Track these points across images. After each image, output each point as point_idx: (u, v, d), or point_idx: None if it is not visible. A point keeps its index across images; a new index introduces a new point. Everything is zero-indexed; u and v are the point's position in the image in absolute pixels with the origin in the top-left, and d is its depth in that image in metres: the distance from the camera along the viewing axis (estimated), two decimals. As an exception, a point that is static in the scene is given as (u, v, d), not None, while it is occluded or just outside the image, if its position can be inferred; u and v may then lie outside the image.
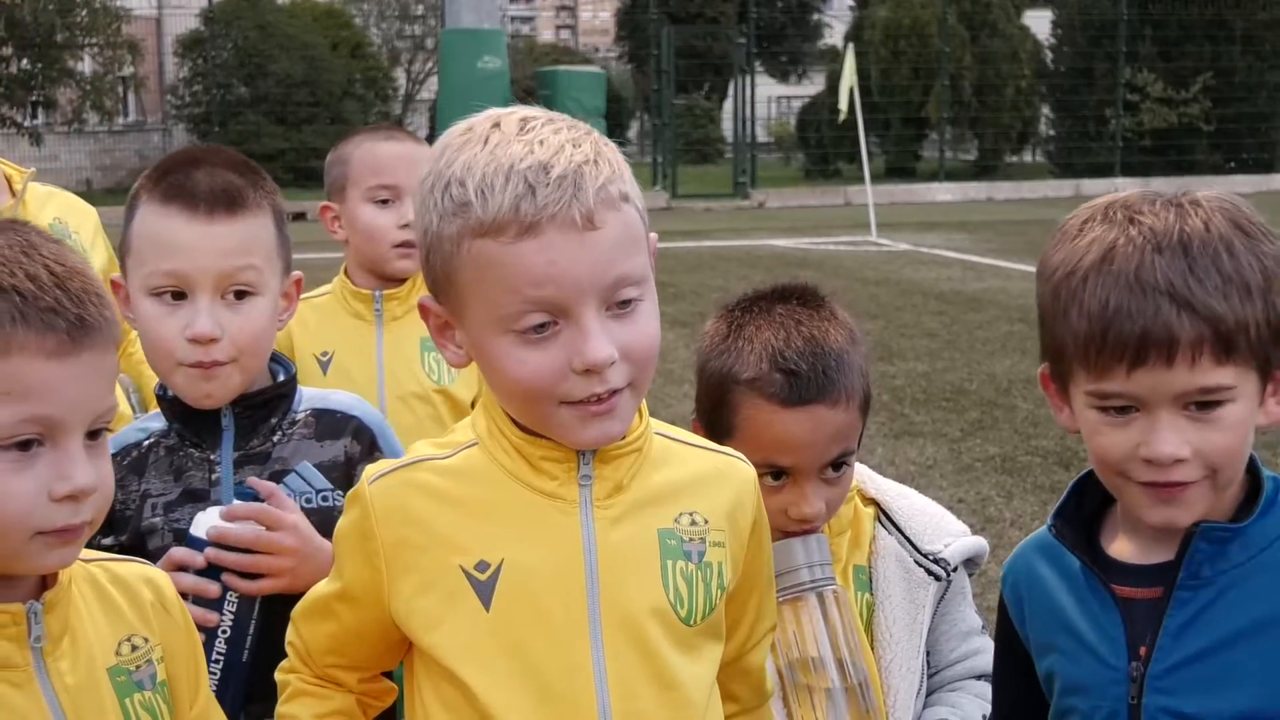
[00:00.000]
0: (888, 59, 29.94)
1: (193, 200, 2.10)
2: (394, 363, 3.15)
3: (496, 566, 1.66)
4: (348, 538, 1.75)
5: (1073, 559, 1.78)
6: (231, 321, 2.11)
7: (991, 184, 27.96)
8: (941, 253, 16.86)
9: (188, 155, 2.22)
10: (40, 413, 1.50)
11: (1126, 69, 28.71)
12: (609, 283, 1.60)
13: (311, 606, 1.82)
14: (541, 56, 31.43)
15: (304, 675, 1.84)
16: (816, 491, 2.04)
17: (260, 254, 2.15)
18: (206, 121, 27.85)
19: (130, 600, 1.71)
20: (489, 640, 1.65)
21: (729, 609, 1.79)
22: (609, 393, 1.62)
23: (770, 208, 25.27)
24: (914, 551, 2.16)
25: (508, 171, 1.57)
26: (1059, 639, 1.79)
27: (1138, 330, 1.61)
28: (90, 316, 1.54)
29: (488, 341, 1.63)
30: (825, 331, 2.07)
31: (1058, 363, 1.75)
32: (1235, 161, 29.10)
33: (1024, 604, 1.86)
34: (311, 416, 2.21)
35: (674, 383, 8.97)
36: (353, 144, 3.26)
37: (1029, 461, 7.32)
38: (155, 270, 2.11)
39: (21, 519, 1.51)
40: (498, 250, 1.58)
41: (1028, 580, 1.86)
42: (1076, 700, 1.77)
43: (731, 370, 2.06)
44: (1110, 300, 1.63)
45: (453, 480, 1.70)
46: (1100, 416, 1.69)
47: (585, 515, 1.68)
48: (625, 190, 1.63)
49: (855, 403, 2.06)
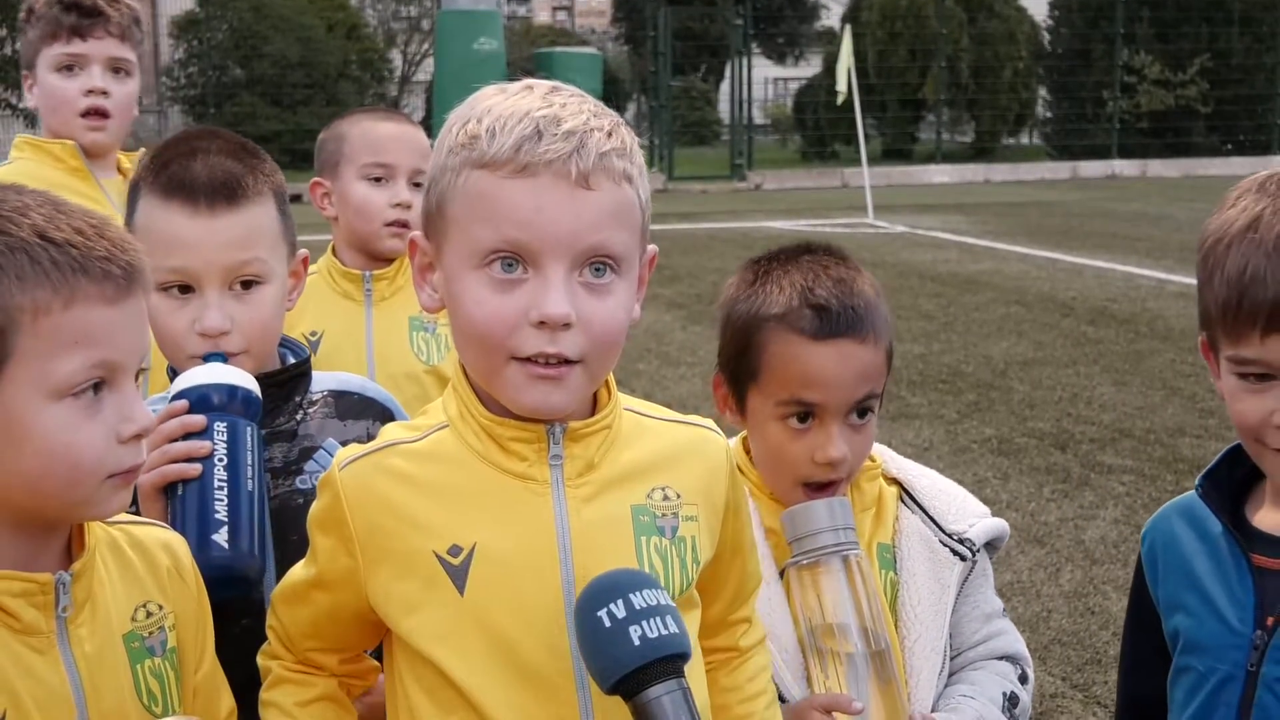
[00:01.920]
0: (885, 40, 29.87)
1: (193, 195, 2.09)
2: (383, 343, 3.16)
3: (469, 550, 1.66)
4: (321, 524, 1.75)
5: (1214, 522, 1.81)
6: (241, 313, 2.11)
7: (988, 166, 27.91)
8: (938, 235, 16.85)
9: (186, 143, 2.19)
10: (105, 358, 1.56)
11: (1124, 51, 28.66)
12: (585, 245, 1.60)
13: (289, 592, 1.82)
14: (538, 38, 31.33)
15: (285, 662, 1.84)
16: (842, 434, 2.05)
17: (265, 242, 2.14)
18: (201, 103, 27.77)
19: (148, 565, 1.74)
20: (465, 624, 1.65)
21: (713, 575, 1.80)
22: (559, 359, 1.61)
23: (767, 189, 25.24)
24: (939, 531, 2.16)
25: (521, 116, 1.61)
26: (1188, 598, 1.82)
27: (1270, 296, 1.62)
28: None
29: (458, 278, 1.64)
30: (853, 277, 2.11)
31: (1208, 329, 1.78)
32: (1232, 143, 29.08)
33: (1158, 563, 1.90)
34: (330, 396, 2.22)
35: (670, 364, 8.99)
36: (349, 122, 3.27)
37: (1025, 443, 7.33)
38: (160, 266, 2.09)
39: (97, 463, 1.57)
40: (490, 183, 1.60)
41: (1165, 540, 1.89)
42: (1194, 660, 1.79)
43: (760, 310, 2.09)
44: (1249, 267, 1.65)
45: (423, 464, 1.70)
46: (1239, 383, 1.71)
47: (557, 495, 1.68)
48: (630, 172, 1.65)
49: (882, 346, 2.08)
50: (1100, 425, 7.69)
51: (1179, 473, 6.79)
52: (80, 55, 3.25)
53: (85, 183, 3.21)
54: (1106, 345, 9.83)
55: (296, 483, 2.14)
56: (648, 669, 1.52)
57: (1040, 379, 8.82)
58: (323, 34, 27.87)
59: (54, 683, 1.59)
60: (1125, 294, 12.00)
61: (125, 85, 3.32)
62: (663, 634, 1.53)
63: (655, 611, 1.54)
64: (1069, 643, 4.87)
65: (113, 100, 3.27)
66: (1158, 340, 9.95)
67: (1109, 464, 6.96)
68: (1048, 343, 9.97)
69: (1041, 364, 9.25)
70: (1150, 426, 7.62)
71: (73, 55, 3.25)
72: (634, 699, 1.53)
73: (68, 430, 1.54)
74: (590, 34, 36.83)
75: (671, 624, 1.55)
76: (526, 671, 1.65)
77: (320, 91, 27.37)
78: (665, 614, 1.55)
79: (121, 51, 3.29)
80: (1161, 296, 11.86)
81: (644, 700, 1.53)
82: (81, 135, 3.26)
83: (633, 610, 1.54)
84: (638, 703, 1.53)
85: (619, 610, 1.54)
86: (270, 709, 1.83)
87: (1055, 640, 4.90)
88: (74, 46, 3.24)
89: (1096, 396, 8.34)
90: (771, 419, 2.08)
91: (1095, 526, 6.06)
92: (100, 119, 3.26)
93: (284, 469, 2.14)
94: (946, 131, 30.20)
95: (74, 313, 1.53)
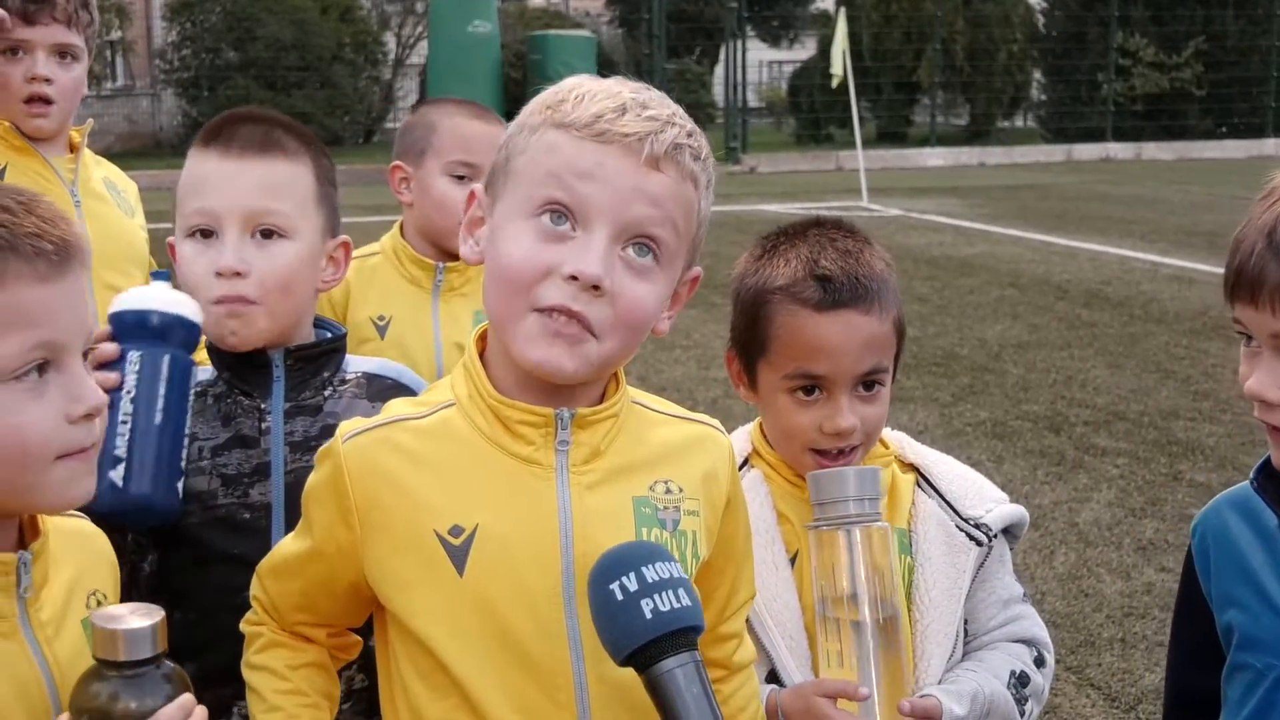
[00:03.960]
0: (879, 23, 29.80)
1: (229, 141, 2.15)
2: (450, 334, 3.15)
3: (471, 531, 1.66)
4: (320, 495, 1.74)
5: (1270, 516, 1.79)
6: (257, 258, 2.12)
7: (983, 149, 27.89)
8: (933, 218, 16.84)
9: (246, 111, 2.27)
10: (46, 338, 1.54)
11: (1119, 33, 28.61)
12: (635, 217, 1.62)
13: (280, 564, 1.82)
14: (532, 21, 31.15)
15: (274, 627, 1.84)
16: (850, 406, 2.07)
17: (291, 199, 2.16)
18: (195, 86, 27.67)
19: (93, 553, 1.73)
20: (462, 606, 1.65)
21: (705, 579, 1.79)
22: (579, 320, 1.61)
23: (761, 173, 25.19)
24: (955, 516, 2.16)
25: (610, 94, 1.65)
26: (1242, 594, 1.80)
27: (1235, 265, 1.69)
28: (69, 236, 1.57)
29: (504, 225, 1.66)
30: (860, 249, 2.12)
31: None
32: (1227, 126, 29.07)
33: (1210, 556, 1.88)
34: (363, 378, 2.23)
35: (664, 348, 8.98)
36: (442, 113, 3.25)
37: (1019, 426, 7.34)
38: (188, 210, 2.15)
39: (44, 445, 1.54)
40: (564, 140, 1.62)
41: (1217, 533, 1.87)
42: (1251, 657, 1.78)
43: (767, 282, 2.11)
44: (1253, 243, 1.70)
45: (428, 441, 1.70)
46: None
47: (561, 481, 1.68)
48: (698, 175, 1.68)
49: (889, 318, 2.09)
50: (1094, 408, 7.70)
51: (1173, 455, 6.80)
52: (24, 41, 3.19)
53: (33, 158, 3.17)
54: (1101, 328, 9.84)
55: (314, 459, 2.14)
56: (660, 641, 1.52)
57: (1034, 362, 8.83)
58: (316, 16, 27.74)
59: (22, 668, 1.57)
60: (1120, 277, 12.01)
61: (71, 70, 3.26)
62: (675, 607, 1.53)
63: (668, 585, 1.55)
64: (1062, 625, 4.88)
65: (56, 87, 3.22)
66: (1152, 323, 9.95)
67: (1103, 447, 6.97)
68: (1042, 326, 9.97)
69: (1036, 347, 9.26)
70: (1144, 409, 7.63)
71: (16, 40, 3.20)
72: (647, 671, 1.53)
73: (11, 413, 1.51)
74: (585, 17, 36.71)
75: (684, 597, 1.55)
76: (522, 655, 1.65)
77: (314, 74, 27.27)
78: (678, 587, 1.55)
79: (68, 37, 3.24)
80: (1156, 279, 11.86)
81: (657, 673, 1.53)
82: (23, 122, 3.22)
83: (645, 583, 1.54)
84: (650, 675, 1.53)
85: (631, 583, 1.54)
86: (262, 672, 1.82)
87: (1049, 623, 4.84)
88: (17, 32, 3.19)
89: (1091, 379, 8.35)
90: (780, 391, 2.10)
91: (1089, 509, 6.07)
92: (43, 105, 3.21)
93: (303, 443, 2.14)
94: (941, 114, 30.16)
95: (6, 293, 1.50)
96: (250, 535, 2.09)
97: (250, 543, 2.06)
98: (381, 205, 16.09)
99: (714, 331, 9.44)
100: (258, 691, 1.81)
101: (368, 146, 28.08)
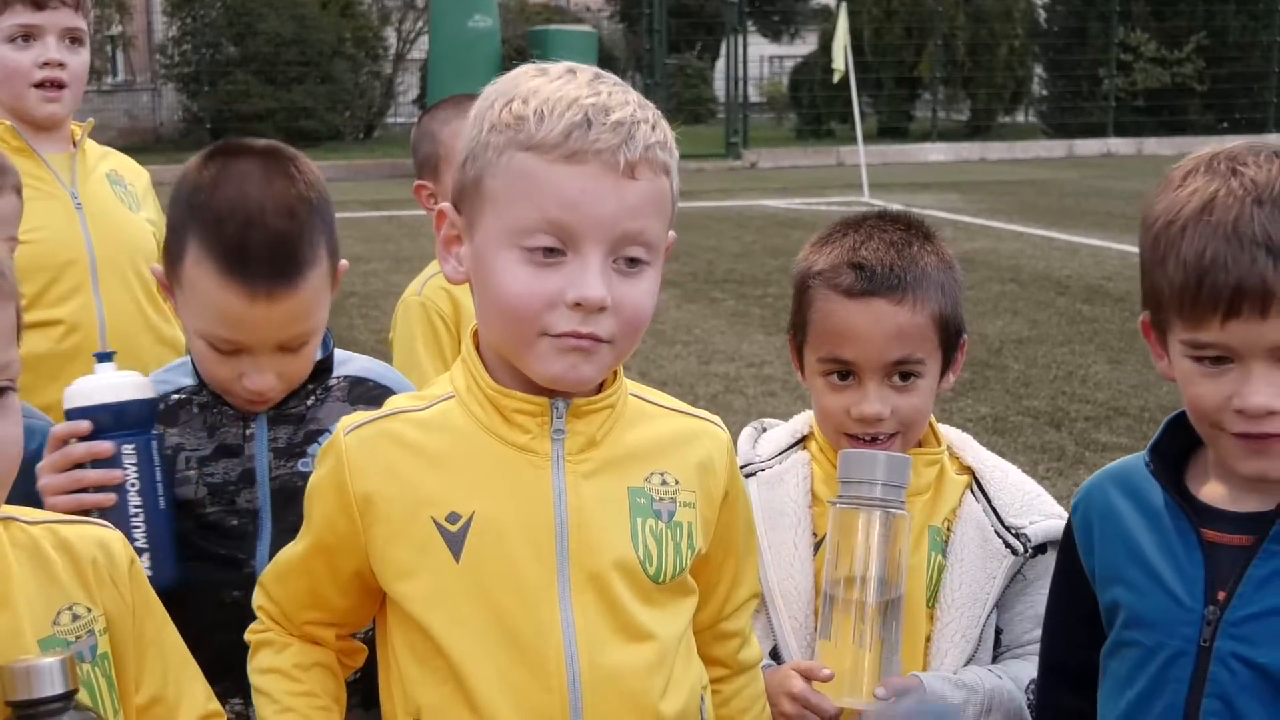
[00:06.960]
0: (880, 18, 29.75)
1: (251, 281, 2.00)
2: None
3: (467, 518, 1.68)
4: (322, 490, 1.76)
5: (1155, 494, 1.79)
6: (286, 366, 2.11)
7: (984, 144, 27.85)
8: (934, 213, 16.82)
9: (241, 209, 2.02)
10: None
11: (1120, 28, 28.58)
12: (624, 232, 1.63)
13: (284, 569, 1.83)
14: (533, 15, 31.13)
15: (281, 632, 1.84)
16: (879, 394, 2.10)
17: (318, 309, 2.11)
18: (195, 81, 27.66)
19: (72, 566, 1.65)
20: (458, 591, 1.67)
21: (703, 573, 1.81)
22: (591, 336, 1.64)
23: (762, 168, 25.18)
24: (996, 522, 2.16)
25: (570, 102, 1.63)
26: (1129, 572, 1.80)
27: (1232, 281, 1.61)
28: None
29: (492, 254, 1.66)
30: (909, 243, 2.15)
31: (1156, 312, 1.76)
32: (1228, 121, 29.03)
33: (1092, 532, 1.87)
34: (345, 382, 2.23)
35: (665, 343, 8.98)
36: (439, 121, 3.25)
37: (1020, 422, 7.34)
38: (213, 333, 2.06)
39: None
40: (537, 166, 1.62)
41: (1101, 510, 1.87)
42: (1140, 635, 1.77)
43: (811, 268, 2.16)
44: (1207, 251, 1.63)
45: (426, 432, 1.73)
46: (1195, 366, 1.69)
47: (557, 470, 1.70)
48: (669, 165, 1.69)
49: (925, 312, 2.11)
50: (1095, 404, 7.70)
51: (1173, 451, 6.79)
52: (35, 26, 3.21)
53: (30, 161, 3.15)
54: (1101, 324, 9.84)
55: (299, 465, 2.16)
56: None
57: (1035, 357, 8.83)
58: (317, 12, 27.71)
59: None
60: (1120, 272, 12.00)
61: (79, 55, 3.29)
62: None
63: None
64: (1063, 621, 4.87)
65: (69, 71, 3.25)
66: (1153, 319, 9.94)
67: (1104, 442, 6.97)
68: (1043, 321, 9.97)
69: (1036, 342, 9.26)
70: (1145, 405, 7.63)
71: (27, 26, 3.21)
72: None
73: None
74: (585, 11, 36.71)
75: None
76: (516, 641, 1.67)
77: (314, 69, 27.25)
78: None
79: (76, 21, 3.26)
80: (1157, 275, 11.84)
81: None
82: (37, 108, 3.23)
83: None
84: None
85: None
86: (271, 675, 1.82)
87: (1049, 618, 4.90)
88: (29, 17, 3.20)
89: (1091, 375, 8.35)
90: (817, 374, 2.15)
91: (1090, 505, 6.06)
92: (56, 90, 3.23)
93: (287, 449, 2.15)
94: (942, 110, 30.12)
95: None
96: (238, 538, 2.11)
97: (237, 544, 2.10)
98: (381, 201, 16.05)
99: (715, 327, 9.44)
100: (268, 694, 1.81)
101: (368, 142, 28.10)
